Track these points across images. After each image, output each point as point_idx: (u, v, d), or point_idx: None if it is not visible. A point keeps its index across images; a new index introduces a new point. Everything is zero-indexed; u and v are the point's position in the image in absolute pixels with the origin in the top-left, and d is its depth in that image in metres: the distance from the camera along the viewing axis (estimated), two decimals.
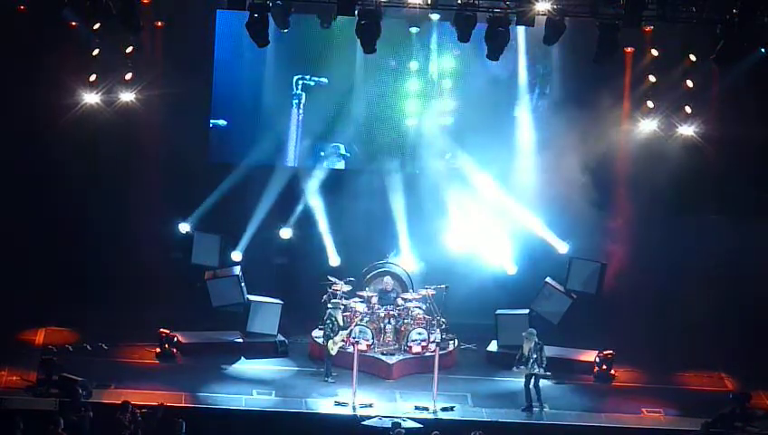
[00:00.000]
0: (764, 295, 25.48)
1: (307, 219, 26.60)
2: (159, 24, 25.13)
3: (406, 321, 24.20)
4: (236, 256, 25.76)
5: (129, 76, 25.38)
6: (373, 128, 27.31)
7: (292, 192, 26.75)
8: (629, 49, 25.46)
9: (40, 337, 24.14)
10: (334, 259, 26.05)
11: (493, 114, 26.80)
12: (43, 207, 25.51)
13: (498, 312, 25.01)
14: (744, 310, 25.64)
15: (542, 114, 27.16)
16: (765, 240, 25.65)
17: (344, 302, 24.14)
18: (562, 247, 25.97)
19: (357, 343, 22.94)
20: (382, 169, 27.07)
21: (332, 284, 24.69)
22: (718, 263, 26.09)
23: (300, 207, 26.60)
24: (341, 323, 23.35)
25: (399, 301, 24.74)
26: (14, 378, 21.83)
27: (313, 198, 26.77)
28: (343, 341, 23.15)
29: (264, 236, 26.22)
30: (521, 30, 25.06)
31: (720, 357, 24.55)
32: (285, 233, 26.31)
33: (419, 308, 24.45)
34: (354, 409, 21.43)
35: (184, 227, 25.81)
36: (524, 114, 27.26)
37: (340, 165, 27.50)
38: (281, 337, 24.43)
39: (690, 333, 25.23)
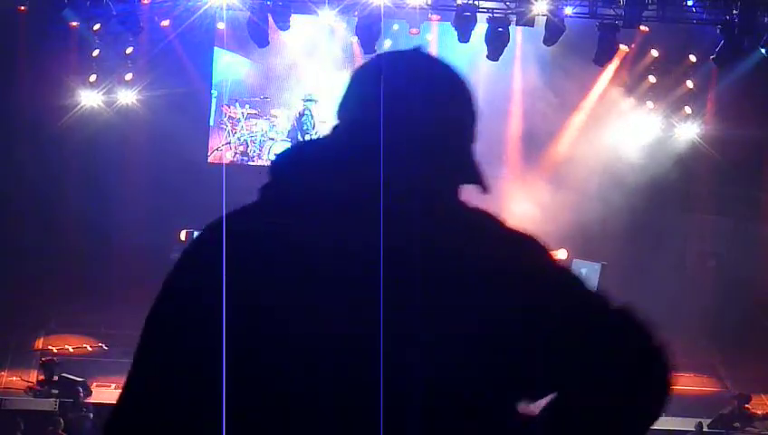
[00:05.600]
0: (764, 296, 25.47)
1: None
2: (166, 23, 25.03)
3: None
4: None
5: (129, 76, 25.37)
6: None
7: None
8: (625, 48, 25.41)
9: (40, 338, 24.13)
10: None
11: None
12: (42, 208, 25.48)
13: None
14: (743, 311, 25.60)
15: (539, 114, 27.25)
16: (765, 240, 25.63)
17: None
18: (561, 254, 25.89)
19: None
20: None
21: None
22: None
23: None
24: None
25: None
26: (14, 378, 21.79)
27: None
28: None
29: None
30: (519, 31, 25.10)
31: (720, 357, 24.54)
32: None
33: None
34: None
35: None
36: (522, 113, 27.38)
37: None
38: None
39: (689, 334, 25.20)
